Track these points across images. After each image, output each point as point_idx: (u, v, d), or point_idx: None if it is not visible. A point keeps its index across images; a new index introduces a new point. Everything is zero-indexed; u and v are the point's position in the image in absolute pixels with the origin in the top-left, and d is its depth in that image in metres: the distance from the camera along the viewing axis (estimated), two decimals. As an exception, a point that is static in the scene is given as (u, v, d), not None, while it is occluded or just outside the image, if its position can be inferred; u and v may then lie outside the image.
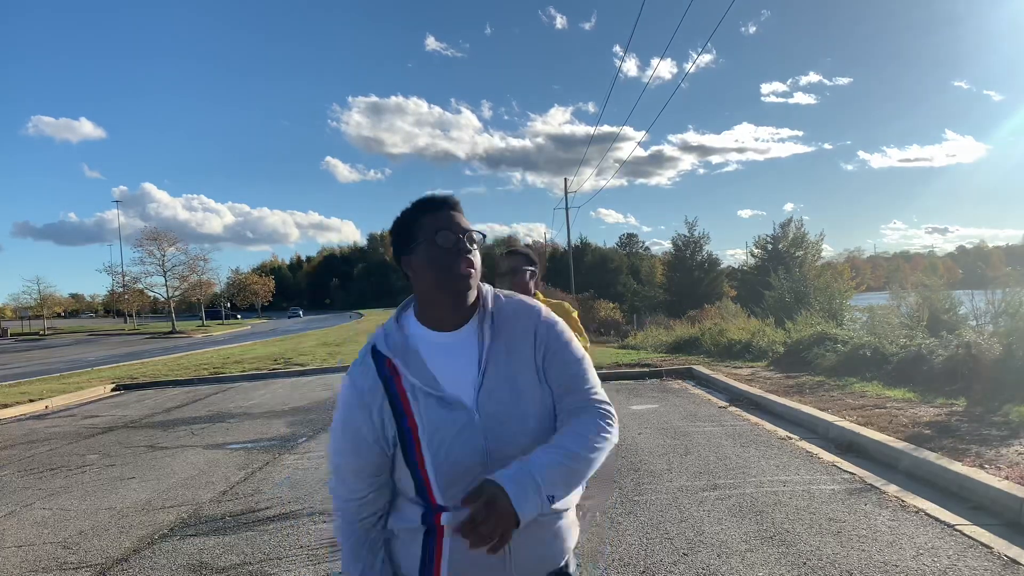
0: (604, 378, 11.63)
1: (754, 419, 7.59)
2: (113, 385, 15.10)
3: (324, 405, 10.45)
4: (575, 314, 3.51)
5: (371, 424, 1.42)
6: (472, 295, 1.47)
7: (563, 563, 1.54)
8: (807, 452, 5.97)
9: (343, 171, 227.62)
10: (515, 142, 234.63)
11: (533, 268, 3.28)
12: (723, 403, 8.80)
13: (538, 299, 3.32)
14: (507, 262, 3.28)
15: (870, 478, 5.04)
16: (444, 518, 1.41)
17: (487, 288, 1.53)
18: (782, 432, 6.84)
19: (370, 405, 1.42)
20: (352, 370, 1.49)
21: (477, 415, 1.39)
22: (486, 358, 1.44)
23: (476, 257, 1.46)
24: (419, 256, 1.45)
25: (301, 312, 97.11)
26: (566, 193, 42.13)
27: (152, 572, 4.03)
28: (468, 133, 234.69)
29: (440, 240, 1.43)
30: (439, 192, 1.53)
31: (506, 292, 1.56)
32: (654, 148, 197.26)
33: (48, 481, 6.52)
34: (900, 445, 5.43)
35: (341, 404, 1.48)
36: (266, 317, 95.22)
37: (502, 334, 1.47)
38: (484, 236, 1.50)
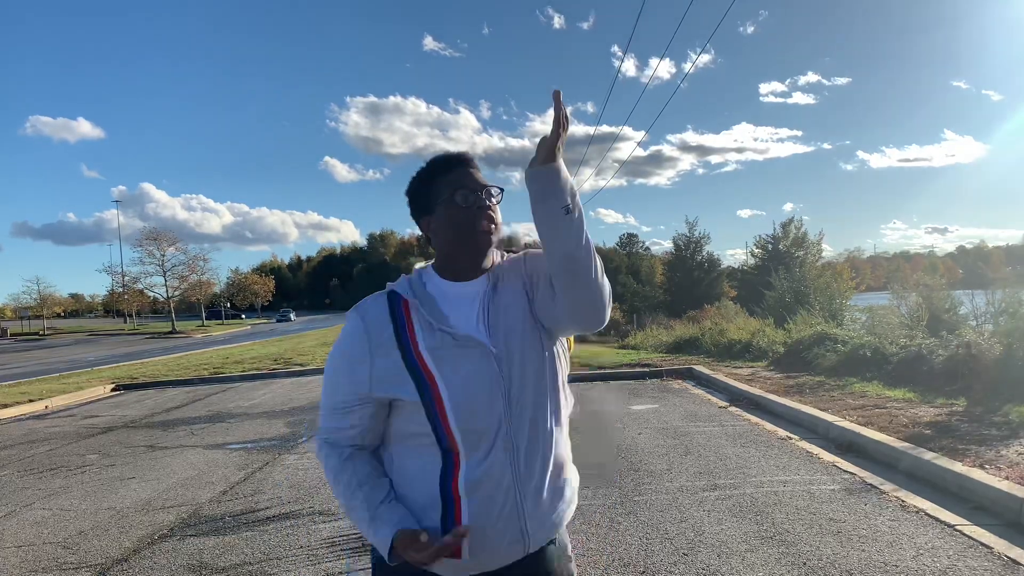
0: (604, 378, 11.66)
1: (754, 419, 7.59)
2: (113, 385, 15.10)
3: (324, 405, 10.45)
4: None
5: (369, 354, 1.46)
6: (491, 250, 1.53)
7: (558, 534, 1.58)
8: (807, 452, 5.97)
9: (342, 171, 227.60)
10: (514, 142, 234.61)
11: None
12: (723, 403, 8.80)
13: None
14: None
15: (870, 478, 5.03)
16: (463, 471, 1.43)
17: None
18: (782, 432, 6.83)
19: (375, 336, 1.46)
20: (361, 304, 1.53)
21: (492, 349, 1.45)
22: (487, 303, 1.49)
23: (496, 212, 1.51)
24: (439, 216, 1.50)
25: (293, 314, 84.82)
26: (566, 193, 42.05)
27: (152, 572, 4.03)
28: (467, 133, 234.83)
29: (459, 199, 1.47)
30: (452, 150, 1.56)
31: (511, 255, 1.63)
32: (653, 148, 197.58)
33: (48, 481, 6.51)
34: (900, 445, 5.42)
35: (343, 335, 1.52)
36: (261, 319, 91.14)
37: (504, 283, 1.53)
38: (502, 190, 1.53)
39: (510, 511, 1.45)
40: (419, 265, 1.61)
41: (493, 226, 1.50)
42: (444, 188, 1.49)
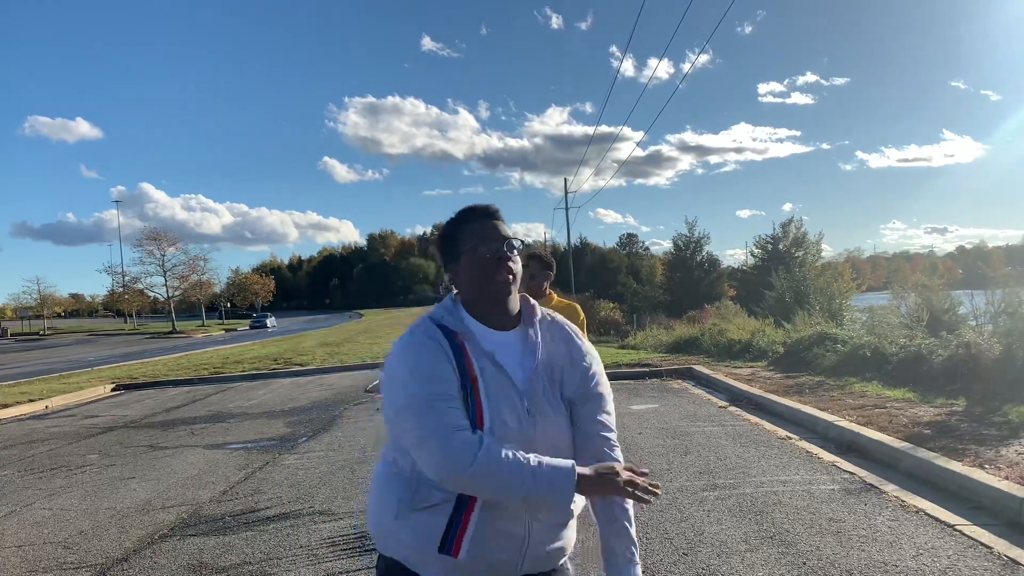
0: (604, 378, 11.61)
1: (754, 419, 7.59)
2: (113, 385, 15.11)
3: (324, 405, 10.45)
4: (582, 317, 3.78)
5: (448, 358, 1.49)
6: (514, 299, 1.60)
7: (562, 562, 1.63)
8: (807, 452, 5.97)
9: (341, 171, 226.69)
10: (513, 142, 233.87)
11: (549, 272, 3.68)
12: (723, 403, 8.80)
13: (552, 299, 3.68)
14: (526, 266, 3.64)
15: (870, 478, 5.04)
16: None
17: (533, 301, 1.65)
18: (782, 432, 6.84)
19: (445, 349, 1.50)
20: (420, 328, 1.54)
21: (526, 401, 1.52)
22: (537, 356, 1.57)
23: (516, 263, 1.58)
24: (463, 265, 1.58)
25: (271, 319, 66.76)
26: (566, 193, 42.15)
27: (152, 572, 4.03)
28: (466, 133, 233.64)
29: (482, 250, 1.56)
30: (480, 203, 1.65)
31: (550, 311, 1.69)
32: (652, 148, 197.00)
33: (48, 481, 6.52)
34: (900, 445, 5.43)
35: (415, 345, 1.50)
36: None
37: (546, 344, 1.60)
38: (523, 243, 1.63)
39: (518, 531, 1.50)
40: (452, 294, 1.65)
41: (511, 276, 1.57)
42: (468, 238, 1.58)
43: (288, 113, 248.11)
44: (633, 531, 1.59)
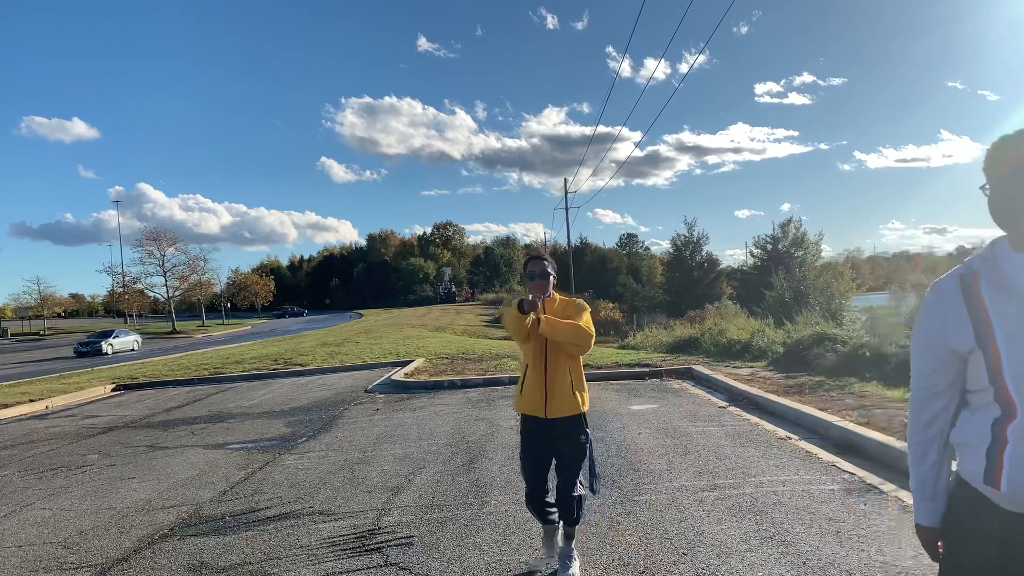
0: (604, 378, 11.66)
1: (754, 419, 7.59)
2: (113, 385, 15.13)
3: (324, 405, 10.45)
4: (588, 308, 3.86)
5: (944, 322, 1.65)
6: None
7: None
8: (806, 452, 5.97)
9: (339, 171, 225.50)
10: (511, 142, 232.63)
11: (551, 272, 3.82)
12: (723, 403, 8.80)
13: (555, 297, 3.70)
14: (528, 267, 3.83)
15: (869, 478, 5.04)
16: (1011, 431, 1.53)
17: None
18: (781, 432, 6.84)
19: (946, 303, 1.65)
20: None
21: None
22: None
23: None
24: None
25: (113, 341, 39.52)
26: (566, 193, 42.16)
27: (152, 572, 4.03)
28: (463, 134, 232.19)
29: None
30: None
31: None
32: (650, 148, 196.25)
33: (48, 481, 6.52)
34: (900, 445, 5.43)
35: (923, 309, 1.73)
36: (262, 318, 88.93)
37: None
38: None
39: None
40: None
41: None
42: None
43: (285, 113, 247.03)
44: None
